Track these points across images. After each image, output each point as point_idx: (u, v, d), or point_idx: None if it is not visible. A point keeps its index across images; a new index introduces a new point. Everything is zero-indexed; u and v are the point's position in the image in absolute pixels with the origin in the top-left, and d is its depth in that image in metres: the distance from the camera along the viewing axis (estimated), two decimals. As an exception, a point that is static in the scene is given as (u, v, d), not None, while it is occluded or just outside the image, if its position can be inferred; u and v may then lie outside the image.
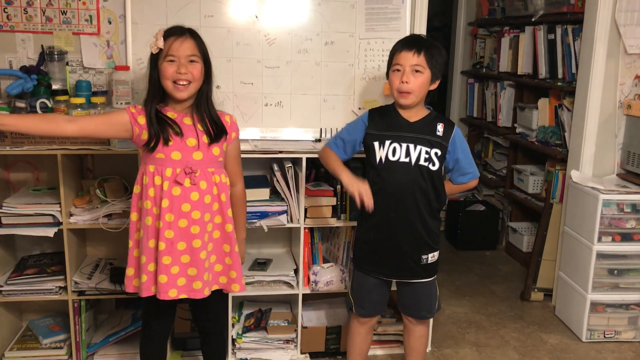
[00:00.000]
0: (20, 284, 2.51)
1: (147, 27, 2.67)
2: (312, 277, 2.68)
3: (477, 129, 4.77)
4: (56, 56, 2.59)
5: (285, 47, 2.79)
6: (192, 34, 2.00)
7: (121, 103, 2.52)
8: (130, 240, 2.05)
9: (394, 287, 2.39)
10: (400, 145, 2.15)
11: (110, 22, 2.66)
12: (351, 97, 2.89)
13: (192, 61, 1.97)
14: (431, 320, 2.70)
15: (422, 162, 2.15)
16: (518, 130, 3.96)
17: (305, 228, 2.65)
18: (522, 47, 3.84)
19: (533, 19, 3.69)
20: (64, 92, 2.58)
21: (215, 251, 2.07)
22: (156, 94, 1.99)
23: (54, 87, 2.57)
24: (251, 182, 2.69)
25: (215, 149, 2.03)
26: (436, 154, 2.16)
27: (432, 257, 2.24)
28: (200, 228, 2.00)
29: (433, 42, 2.16)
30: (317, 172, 2.74)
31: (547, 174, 3.60)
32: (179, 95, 1.97)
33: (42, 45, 2.61)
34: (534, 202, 3.76)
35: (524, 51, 3.83)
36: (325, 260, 2.81)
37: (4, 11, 2.57)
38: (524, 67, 3.86)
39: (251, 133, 2.83)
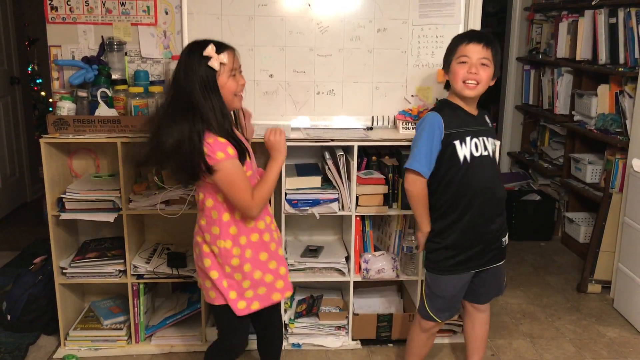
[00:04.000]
0: (83, 266, 2.62)
1: (202, 17, 2.72)
2: (363, 265, 2.69)
3: (532, 116, 4.65)
4: (115, 47, 2.67)
5: (338, 35, 2.79)
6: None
7: (177, 92, 2.57)
8: (227, 267, 1.99)
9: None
10: (479, 139, 2.13)
11: (167, 13, 2.72)
12: (404, 85, 2.87)
13: (240, 72, 2.00)
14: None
15: (492, 153, 2.18)
16: (576, 118, 3.84)
17: (356, 216, 2.66)
18: (581, 32, 3.72)
19: (593, 3, 3.57)
20: (123, 81, 2.66)
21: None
22: (226, 111, 1.92)
23: (114, 76, 2.66)
24: (303, 170, 2.72)
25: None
26: (495, 144, 2.22)
27: (507, 238, 2.27)
28: (270, 235, 2.08)
29: (493, 38, 2.15)
30: (369, 160, 2.74)
31: (606, 163, 3.49)
32: (239, 105, 2.01)
33: (102, 36, 2.70)
34: (591, 192, 3.65)
35: (583, 36, 3.71)
36: (377, 249, 2.82)
37: (67, 4, 2.66)
38: (582, 53, 3.74)
39: (303, 121, 2.85)
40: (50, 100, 2.85)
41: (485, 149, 2.14)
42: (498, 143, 2.19)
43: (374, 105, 2.88)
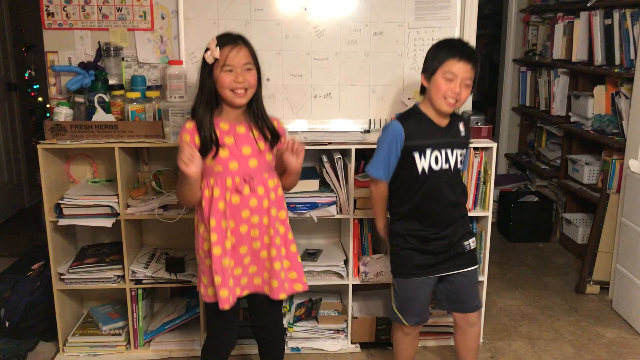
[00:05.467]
0: (81, 272, 2.61)
1: (199, 21, 2.72)
2: (362, 268, 2.69)
3: (529, 118, 4.66)
4: (112, 52, 2.67)
5: (334, 39, 2.80)
6: (244, 41, 1.99)
7: (175, 97, 2.58)
8: (201, 251, 2.03)
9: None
10: (440, 152, 2.12)
11: (163, 18, 2.72)
12: (400, 88, 2.88)
13: (248, 69, 1.98)
14: (482, 313, 2.67)
15: (458, 165, 2.17)
16: (572, 119, 3.85)
17: (354, 219, 2.66)
18: (577, 34, 3.73)
19: (588, 4, 3.58)
20: (120, 87, 2.66)
21: (280, 257, 2.06)
22: (212, 104, 1.98)
23: (111, 82, 2.66)
24: (300, 174, 2.71)
25: (269, 155, 2.04)
26: (463, 153, 2.19)
27: (473, 242, 2.25)
28: (260, 231, 2.03)
29: (479, 58, 2.13)
30: (366, 163, 2.73)
31: (603, 163, 3.49)
32: (239, 102, 1.98)
33: (98, 42, 2.70)
34: (589, 193, 3.66)
35: (578, 37, 3.72)
36: (375, 251, 2.82)
37: (64, 10, 2.66)
38: (578, 54, 3.75)
39: (300, 125, 2.85)
40: (48, 106, 2.85)
41: (447, 161, 2.13)
42: (463, 152, 2.18)
43: (371, 108, 2.89)
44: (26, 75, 5.01)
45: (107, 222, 2.54)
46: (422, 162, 2.11)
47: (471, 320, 2.32)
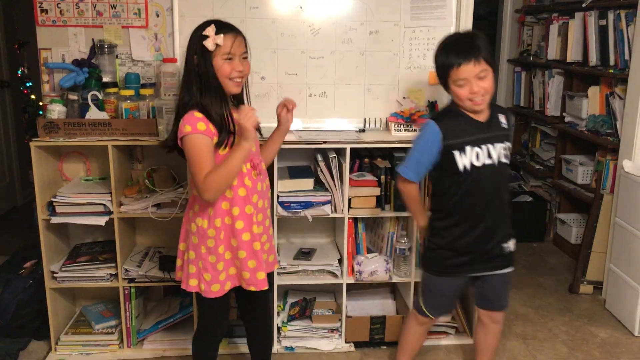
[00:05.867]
0: (74, 270, 2.60)
1: (193, 19, 2.70)
2: (356, 267, 2.68)
3: (524, 118, 4.67)
4: (106, 49, 2.66)
5: (330, 37, 2.79)
6: (239, 31, 2.01)
7: (169, 95, 2.57)
8: (203, 247, 2.02)
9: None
10: (481, 148, 2.06)
11: (157, 15, 2.71)
12: (396, 87, 2.88)
13: (244, 58, 2.00)
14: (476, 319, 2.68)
15: (503, 159, 2.10)
16: (567, 119, 3.86)
17: (349, 218, 2.65)
18: (572, 34, 3.74)
19: (583, 5, 3.59)
20: (114, 84, 2.64)
21: (270, 238, 2.15)
22: (220, 91, 1.95)
23: (104, 79, 2.64)
24: (295, 172, 2.71)
25: (258, 140, 2.09)
26: (509, 147, 2.12)
27: (513, 244, 2.20)
28: (263, 215, 2.07)
29: (476, 36, 2.04)
30: (361, 163, 2.74)
31: (597, 164, 3.50)
32: (236, 90, 1.99)
33: (92, 39, 2.68)
34: (583, 193, 3.66)
35: (573, 38, 3.73)
36: (369, 251, 2.81)
37: (57, 6, 2.64)
38: (573, 55, 3.76)
39: (295, 124, 2.82)
40: (41, 103, 2.83)
41: (489, 156, 2.07)
42: (507, 145, 2.10)
43: (366, 107, 2.88)
44: (19, 72, 4.97)
45: (101, 221, 2.53)
46: (463, 160, 2.06)
47: (496, 318, 2.32)
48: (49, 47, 2.69)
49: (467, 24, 2.83)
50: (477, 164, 2.06)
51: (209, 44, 1.92)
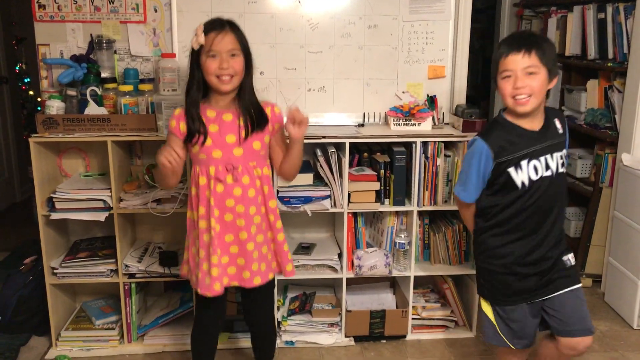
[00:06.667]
0: (74, 266, 2.60)
1: (192, 14, 2.71)
2: (355, 262, 2.69)
3: (522, 112, 4.66)
4: (104, 45, 2.65)
5: (328, 32, 2.79)
6: (232, 26, 1.98)
7: (168, 90, 2.56)
8: (188, 238, 2.11)
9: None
10: (539, 160, 1.90)
11: (156, 10, 2.70)
12: (394, 81, 2.88)
13: (233, 55, 1.96)
14: (476, 314, 2.69)
15: (561, 169, 1.94)
16: (565, 113, 3.85)
17: (348, 213, 2.66)
18: (570, 28, 3.73)
19: (582, -2, 3.58)
20: (113, 80, 2.64)
21: (266, 242, 2.09)
22: (199, 90, 2.00)
23: (103, 75, 2.64)
24: (301, 163, 2.71)
25: (256, 144, 2.02)
26: (565, 154, 1.96)
27: (572, 257, 2.02)
28: (246, 221, 2.02)
29: (541, 37, 1.93)
30: (360, 157, 2.74)
31: (596, 157, 3.50)
32: (224, 88, 1.97)
33: (91, 35, 2.68)
34: (582, 187, 3.66)
35: (572, 31, 3.72)
36: (369, 245, 2.82)
37: (55, 2, 2.64)
38: (572, 48, 3.75)
39: (294, 118, 2.84)
40: (39, 99, 2.83)
41: (547, 168, 1.91)
42: (564, 153, 1.95)
43: (365, 101, 2.88)
44: (17, 68, 4.96)
45: (100, 216, 2.53)
46: (520, 176, 1.90)
47: (579, 348, 2.00)
48: (47, 43, 2.68)
49: (465, 18, 2.83)
50: (535, 178, 1.91)
51: (193, 43, 1.96)
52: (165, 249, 2.74)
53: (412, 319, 2.80)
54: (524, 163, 1.89)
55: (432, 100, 2.86)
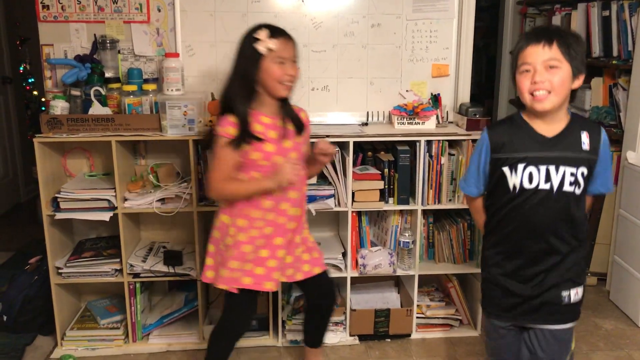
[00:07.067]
0: (79, 266, 2.60)
1: (195, 14, 2.71)
2: (360, 261, 2.68)
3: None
4: (108, 45, 2.65)
5: (332, 31, 2.78)
6: (291, 36, 2.02)
7: (172, 90, 2.56)
8: (220, 244, 2.09)
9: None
10: (538, 169, 1.71)
11: (159, 10, 2.70)
12: (398, 80, 2.87)
13: (294, 62, 2.00)
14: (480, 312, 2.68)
15: (566, 187, 1.70)
16: (570, 110, 3.84)
17: (352, 212, 2.65)
18: (574, 25, 3.72)
19: (586, -5, 3.57)
20: (117, 79, 2.64)
21: (304, 241, 2.20)
22: (252, 96, 1.99)
23: (107, 75, 2.64)
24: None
25: (304, 147, 2.12)
26: (583, 174, 1.70)
27: (575, 294, 1.77)
28: (298, 223, 2.12)
29: (566, 30, 1.73)
30: (364, 156, 2.73)
31: (601, 155, 3.49)
32: (284, 94, 1.99)
33: (94, 35, 2.68)
34: (586, 185, 3.65)
35: (576, 29, 3.70)
36: (373, 244, 2.82)
37: (59, 2, 2.64)
38: (576, 46, 3.74)
39: (298, 117, 2.84)
40: (43, 99, 2.83)
41: (547, 180, 1.70)
42: (581, 171, 1.70)
43: (369, 100, 2.88)
44: (21, 69, 4.97)
45: (105, 216, 2.53)
46: (514, 178, 1.73)
47: None
48: (51, 43, 2.69)
49: (469, 16, 2.83)
50: (527, 186, 1.72)
51: (262, 47, 1.93)
52: (170, 249, 2.74)
53: (417, 317, 2.79)
54: (520, 166, 1.72)
55: (436, 99, 2.86)
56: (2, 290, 2.86)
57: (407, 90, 2.88)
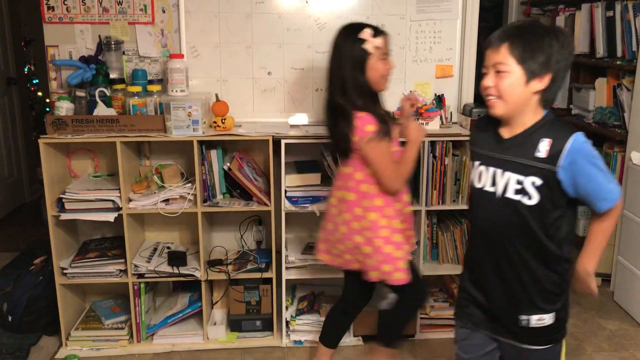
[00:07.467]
0: (84, 266, 2.61)
1: (200, 15, 2.71)
2: (364, 261, 2.68)
3: (530, 111, 4.65)
4: (113, 46, 2.66)
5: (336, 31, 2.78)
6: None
7: (176, 91, 2.57)
8: (378, 240, 2.12)
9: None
10: (488, 169, 1.63)
11: (164, 11, 2.71)
12: (402, 80, 2.87)
13: (390, 56, 2.12)
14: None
15: (510, 194, 1.57)
16: (574, 111, 3.84)
17: (357, 212, 2.65)
18: (578, 26, 3.72)
19: (590, -4, 3.56)
20: (121, 80, 2.65)
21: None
22: (368, 92, 2.08)
23: (112, 76, 2.65)
24: (302, 167, 2.71)
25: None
26: (533, 183, 1.54)
27: (539, 320, 1.62)
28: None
29: (528, 27, 1.55)
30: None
31: (604, 156, 3.49)
32: (385, 88, 2.12)
33: (99, 36, 2.69)
34: (590, 186, 3.65)
35: (580, 30, 3.71)
36: (377, 245, 2.81)
37: (64, 3, 2.65)
38: (580, 46, 3.73)
39: (301, 118, 2.85)
40: (47, 100, 2.84)
41: (493, 184, 1.61)
42: (534, 181, 1.54)
43: (373, 101, 2.87)
44: (25, 70, 4.99)
45: (110, 217, 2.54)
46: (472, 175, 1.69)
47: None
48: (56, 44, 2.70)
49: (473, 17, 2.82)
50: (477, 185, 1.66)
51: (370, 47, 2.01)
52: (174, 249, 2.75)
53: (421, 318, 2.80)
54: (476, 163, 1.67)
55: (439, 100, 2.86)
56: (7, 291, 2.87)
57: (411, 91, 2.87)
